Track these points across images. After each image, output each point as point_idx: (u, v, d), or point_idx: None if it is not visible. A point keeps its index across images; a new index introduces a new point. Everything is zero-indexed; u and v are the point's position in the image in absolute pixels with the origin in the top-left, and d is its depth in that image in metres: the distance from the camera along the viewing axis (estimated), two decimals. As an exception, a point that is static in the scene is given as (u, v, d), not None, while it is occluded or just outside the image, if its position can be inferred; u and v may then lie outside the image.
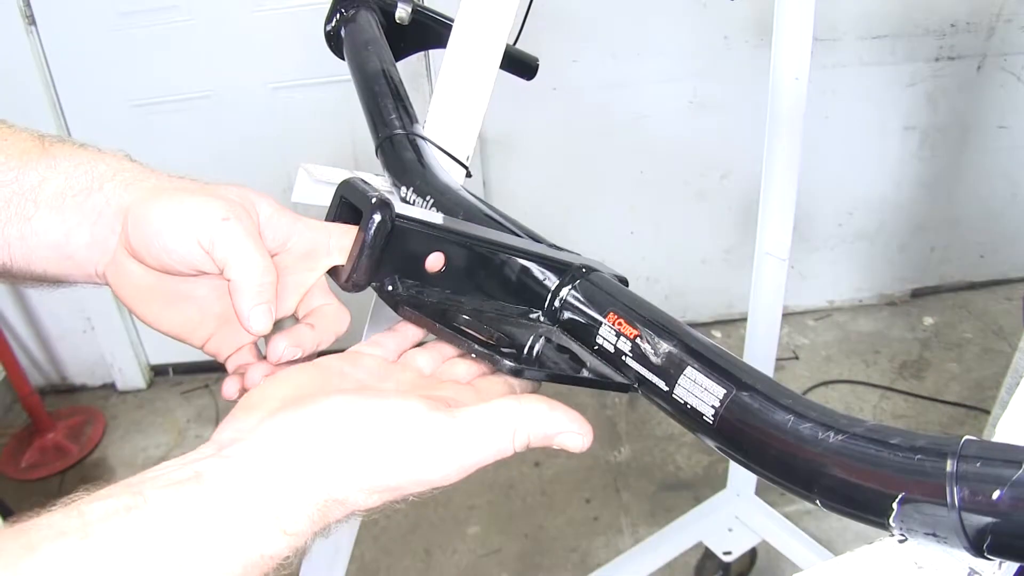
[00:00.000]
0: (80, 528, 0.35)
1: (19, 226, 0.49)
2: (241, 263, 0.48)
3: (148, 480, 0.39)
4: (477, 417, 0.44)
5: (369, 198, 0.50)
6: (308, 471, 0.40)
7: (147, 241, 0.48)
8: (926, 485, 0.37)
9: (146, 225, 0.48)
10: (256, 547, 0.38)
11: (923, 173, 2.77)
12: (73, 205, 0.49)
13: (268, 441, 0.42)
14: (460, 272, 0.56)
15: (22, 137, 0.50)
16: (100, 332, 2.75)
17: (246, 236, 0.48)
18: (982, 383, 2.55)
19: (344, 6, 1.05)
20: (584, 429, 0.47)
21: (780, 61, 1.34)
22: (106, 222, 0.50)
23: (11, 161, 0.49)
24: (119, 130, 2.44)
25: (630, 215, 2.75)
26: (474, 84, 0.86)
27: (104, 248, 0.50)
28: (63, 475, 2.51)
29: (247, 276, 0.48)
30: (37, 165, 0.49)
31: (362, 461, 0.42)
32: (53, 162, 0.50)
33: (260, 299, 0.48)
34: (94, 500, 0.37)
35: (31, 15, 2.27)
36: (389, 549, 2.17)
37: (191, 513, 0.37)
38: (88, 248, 0.50)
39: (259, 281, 0.48)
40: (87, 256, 0.51)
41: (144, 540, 0.35)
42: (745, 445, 0.45)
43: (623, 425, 2.52)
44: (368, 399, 0.44)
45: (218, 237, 0.48)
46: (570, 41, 2.39)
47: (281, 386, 0.47)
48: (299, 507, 0.40)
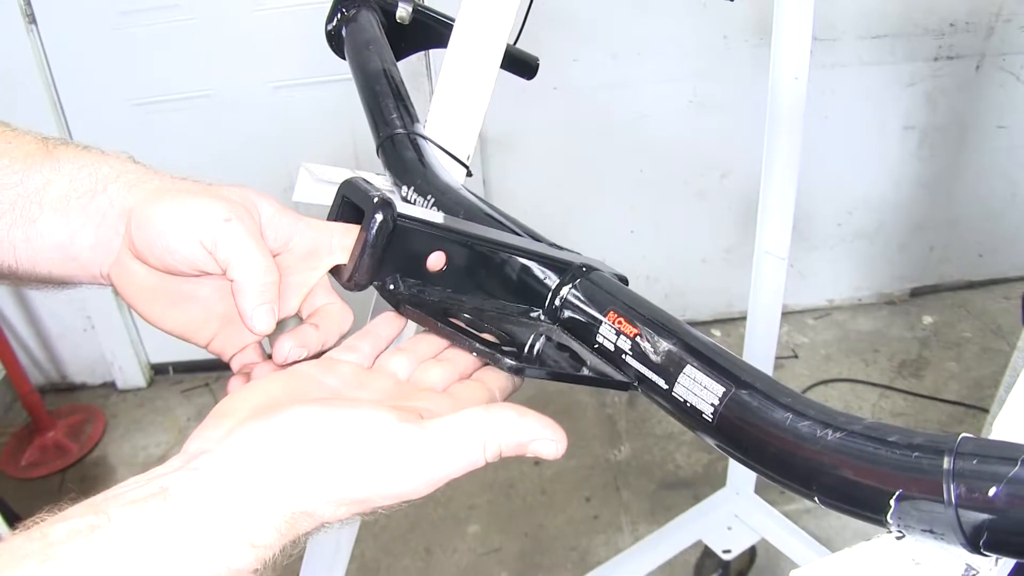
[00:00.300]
0: (41, 551, 0.34)
1: (24, 228, 0.49)
2: (244, 263, 0.48)
3: (112, 498, 0.38)
4: (447, 429, 0.44)
5: (371, 197, 0.51)
6: (275, 484, 0.40)
7: (150, 242, 0.49)
8: (923, 482, 0.37)
9: (149, 226, 0.49)
10: (223, 561, 0.37)
11: (922, 173, 2.77)
12: (78, 207, 0.50)
13: (235, 453, 0.41)
14: (461, 271, 0.57)
15: (26, 140, 0.51)
16: (100, 331, 2.75)
17: (248, 236, 0.49)
18: (981, 382, 2.55)
19: (345, 6, 1.05)
20: (557, 436, 0.46)
21: (780, 61, 1.34)
22: (110, 224, 0.50)
23: (15, 164, 0.49)
24: (119, 129, 2.45)
25: (630, 214, 2.75)
26: (475, 83, 0.87)
27: (108, 249, 0.51)
28: (63, 474, 2.51)
29: (250, 276, 0.48)
30: (41, 168, 0.50)
31: (330, 473, 0.41)
32: (57, 164, 0.50)
33: (263, 299, 0.49)
34: (57, 521, 0.36)
35: (32, 14, 2.27)
36: (389, 548, 2.18)
37: (155, 531, 0.37)
38: (92, 250, 0.51)
39: (262, 281, 0.49)
40: (91, 257, 0.51)
41: (107, 561, 0.35)
42: (744, 443, 0.45)
43: (623, 424, 2.52)
44: (338, 409, 0.43)
45: (221, 238, 0.48)
46: (570, 41, 2.40)
47: (253, 394, 0.46)
48: (266, 520, 0.39)
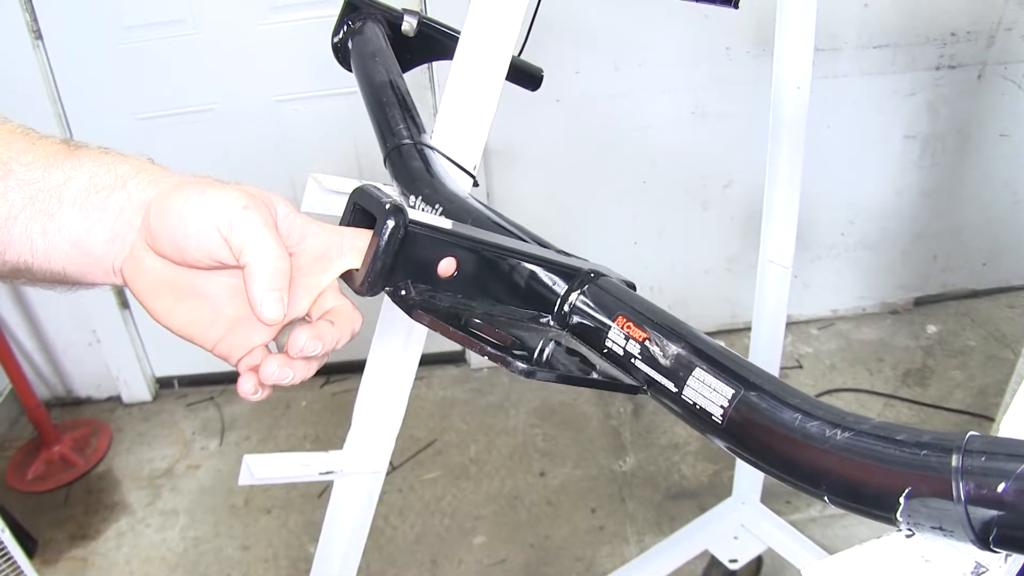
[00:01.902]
0: None
1: (43, 222, 0.50)
2: (257, 248, 0.49)
3: None
4: None
5: (383, 203, 0.51)
6: None
7: (168, 227, 0.50)
8: (932, 480, 0.38)
9: (167, 213, 0.50)
10: None
11: (925, 181, 2.78)
12: (96, 202, 0.51)
13: None
14: (471, 277, 0.57)
15: (48, 141, 0.52)
16: (106, 345, 2.76)
17: (263, 224, 0.50)
18: (986, 390, 2.55)
19: (351, 18, 1.06)
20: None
21: (782, 71, 1.35)
22: (127, 218, 0.51)
23: (38, 161, 0.50)
24: (125, 143, 2.39)
25: (633, 225, 2.76)
26: (481, 94, 0.88)
27: (123, 243, 0.52)
28: (69, 487, 2.51)
29: (263, 260, 0.49)
30: (63, 165, 0.51)
31: None
32: (79, 163, 0.51)
33: (274, 284, 0.49)
34: None
35: (38, 30, 2.29)
36: (395, 559, 2.17)
37: None
38: (107, 244, 0.51)
39: (274, 266, 0.49)
40: (105, 252, 0.52)
41: None
42: (754, 444, 0.46)
43: (628, 435, 2.52)
44: None
45: (237, 222, 0.49)
46: (573, 52, 2.41)
47: None
48: None
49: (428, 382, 2.82)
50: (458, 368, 2.89)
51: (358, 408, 1.08)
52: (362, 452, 1.09)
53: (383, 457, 1.10)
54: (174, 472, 2.54)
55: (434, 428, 2.63)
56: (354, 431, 1.08)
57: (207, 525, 2.33)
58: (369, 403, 1.08)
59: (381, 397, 1.07)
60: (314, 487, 2.39)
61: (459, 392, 2.78)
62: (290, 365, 0.52)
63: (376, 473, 1.11)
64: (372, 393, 1.07)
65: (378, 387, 1.07)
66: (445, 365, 2.90)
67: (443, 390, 2.79)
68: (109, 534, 2.33)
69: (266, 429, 2.69)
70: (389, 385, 1.07)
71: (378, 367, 1.06)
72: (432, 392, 2.78)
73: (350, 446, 1.09)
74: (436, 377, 2.85)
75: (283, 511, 2.35)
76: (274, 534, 2.28)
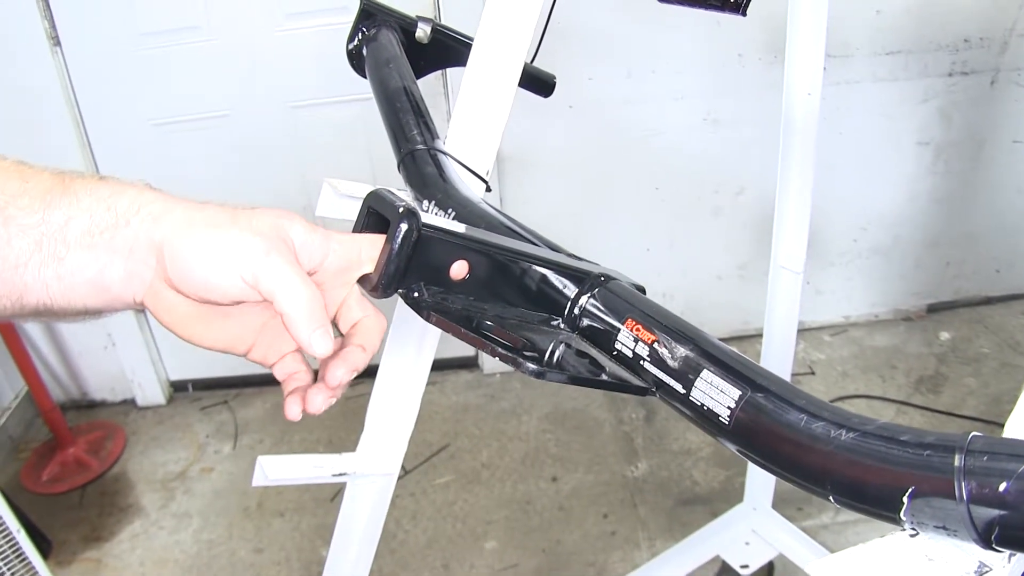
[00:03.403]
0: None
1: (54, 267, 0.50)
2: (289, 295, 0.50)
3: None
4: None
5: (396, 208, 0.52)
6: None
7: (186, 276, 0.50)
8: (935, 480, 0.38)
9: (183, 262, 0.50)
10: None
11: (937, 188, 2.77)
12: (102, 243, 0.50)
13: None
14: (483, 280, 0.58)
15: (43, 178, 0.51)
16: (121, 349, 2.78)
17: (289, 268, 0.50)
18: (999, 398, 2.54)
19: (366, 25, 1.08)
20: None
21: (793, 77, 1.35)
22: (139, 256, 0.51)
23: (35, 203, 0.49)
24: (140, 148, 2.48)
25: (645, 231, 2.76)
26: (494, 100, 0.89)
27: (141, 280, 0.52)
28: (84, 489, 2.53)
29: (298, 307, 0.50)
30: (60, 203, 0.50)
31: None
32: (75, 199, 0.50)
33: (316, 324, 0.51)
34: None
35: (56, 36, 2.31)
36: (407, 563, 2.18)
37: None
38: (123, 282, 0.51)
39: (310, 309, 0.50)
40: (123, 289, 0.52)
41: None
42: (760, 444, 0.46)
43: (640, 440, 2.52)
44: None
45: (261, 272, 0.50)
46: (586, 59, 2.42)
47: None
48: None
49: (441, 387, 2.83)
50: (471, 373, 2.90)
51: (371, 411, 1.09)
52: (375, 454, 1.10)
53: (396, 460, 1.11)
54: (188, 475, 2.55)
55: (447, 433, 2.63)
56: (367, 434, 1.09)
57: (220, 528, 2.34)
58: (382, 406, 1.09)
59: (394, 400, 1.08)
60: (326, 491, 2.40)
61: (472, 397, 2.79)
62: (332, 392, 0.55)
63: (388, 476, 1.12)
64: (385, 396, 1.08)
65: (391, 390, 1.08)
66: (458, 370, 2.90)
67: (456, 395, 2.80)
68: (123, 536, 2.35)
69: (279, 433, 2.70)
70: (402, 388, 1.08)
71: (391, 370, 1.07)
72: (445, 397, 2.79)
73: (363, 448, 1.10)
74: (449, 382, 2.86)
75: (296, 514, 2.36)
76: (287, 537, 2.29)
